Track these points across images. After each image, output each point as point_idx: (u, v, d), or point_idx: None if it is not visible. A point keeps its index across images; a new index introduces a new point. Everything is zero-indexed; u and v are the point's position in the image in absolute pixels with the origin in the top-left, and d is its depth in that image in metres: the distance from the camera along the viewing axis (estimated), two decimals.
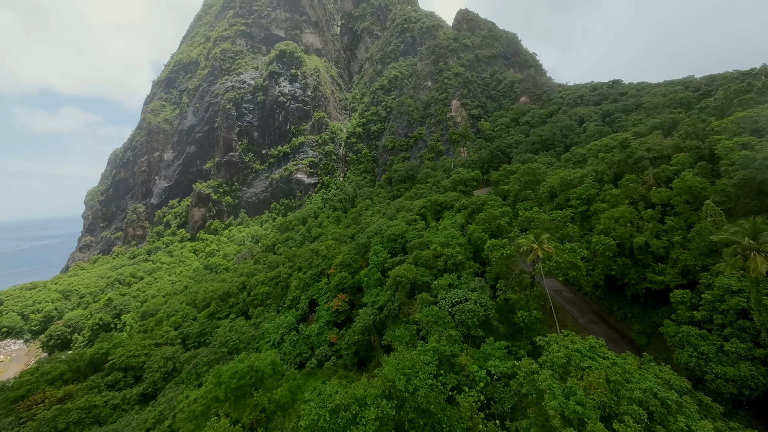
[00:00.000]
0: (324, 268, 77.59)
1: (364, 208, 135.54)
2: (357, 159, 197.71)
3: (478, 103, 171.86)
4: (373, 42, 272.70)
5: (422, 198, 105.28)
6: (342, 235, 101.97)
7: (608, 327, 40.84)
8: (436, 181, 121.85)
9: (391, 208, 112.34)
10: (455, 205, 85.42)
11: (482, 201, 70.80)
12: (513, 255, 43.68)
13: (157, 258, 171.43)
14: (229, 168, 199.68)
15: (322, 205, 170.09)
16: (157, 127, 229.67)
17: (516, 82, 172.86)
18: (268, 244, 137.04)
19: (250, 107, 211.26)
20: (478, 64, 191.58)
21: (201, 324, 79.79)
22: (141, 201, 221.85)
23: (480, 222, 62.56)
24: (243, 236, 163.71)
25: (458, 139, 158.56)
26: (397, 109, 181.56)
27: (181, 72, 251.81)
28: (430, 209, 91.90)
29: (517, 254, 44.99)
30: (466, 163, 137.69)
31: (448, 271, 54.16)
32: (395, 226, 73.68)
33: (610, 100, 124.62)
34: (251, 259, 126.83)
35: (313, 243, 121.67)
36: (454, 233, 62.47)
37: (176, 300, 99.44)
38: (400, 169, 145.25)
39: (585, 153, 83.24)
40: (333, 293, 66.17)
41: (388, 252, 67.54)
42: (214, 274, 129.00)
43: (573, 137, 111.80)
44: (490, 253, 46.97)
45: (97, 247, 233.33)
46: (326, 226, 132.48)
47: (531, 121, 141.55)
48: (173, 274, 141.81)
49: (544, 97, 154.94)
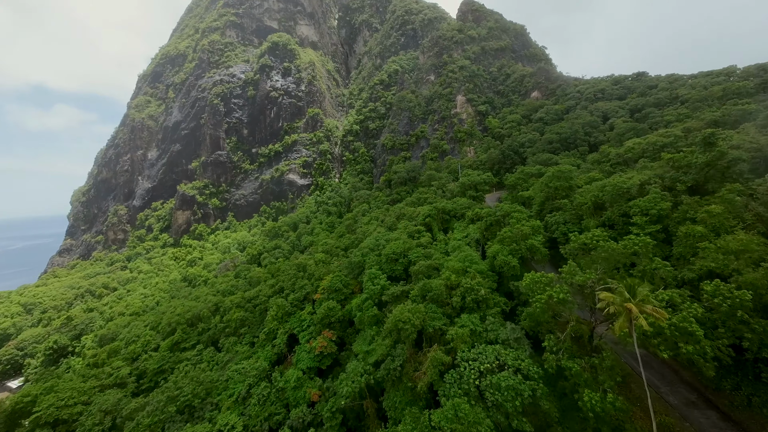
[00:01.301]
0: (309, 292, 63.88)
1: (361, 214, 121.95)
2: (354, 159, 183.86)
3: (485, 99, 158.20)
4: (372, 35, 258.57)
5: (426, 204, 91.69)
6: (334, 246, 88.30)
7: (717, 414, 27.28)
8: (441, 185, 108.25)
9: (391, 214, 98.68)
10: (467, 215, 71.91)
11: (504, 212, 57.14)
12: (568, 301, 30.10)
13: (135, 266, 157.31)
14: (216, 168, 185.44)
15: (315, 209, 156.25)
16: (141, 124, 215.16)
17: (526, 76, 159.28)
18: (253, 254, 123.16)
19: (240, 103, 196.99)
20: (484, 57, 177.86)
21: (161, 358, 65.96)
22: (123, 202, 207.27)
23: (504, 240, 48.93)
24: (228, 243, 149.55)
25: (464, 137, 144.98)
26: (397, 105, 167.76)
27: (168, 65, 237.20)
28: (437, 218, 78.30)
29: (573, 296, 31.49)
30: (473, 164, 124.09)
31: (468, 310, 40.63)
32: (395, 242, 60.12)
33: (637, 94, 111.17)
34: (233, 271, 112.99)
35: (302, 254, 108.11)
36: (471, 254, 48.80)
37: (141, 322, 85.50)
38: (401, 171, 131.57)
39: (623, 153, 69.78)
40: (317, 328, 52.51)
41: (387, 276, 53.96)
42: (190, 288, 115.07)
43: (597, 135, 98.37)
44: (530, 294, 33.37)
45: (77, 251, 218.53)
46: (318, 234, 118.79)
47: (545, 118, 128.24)
48: (148, 286, 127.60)
49: (559, 92, 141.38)
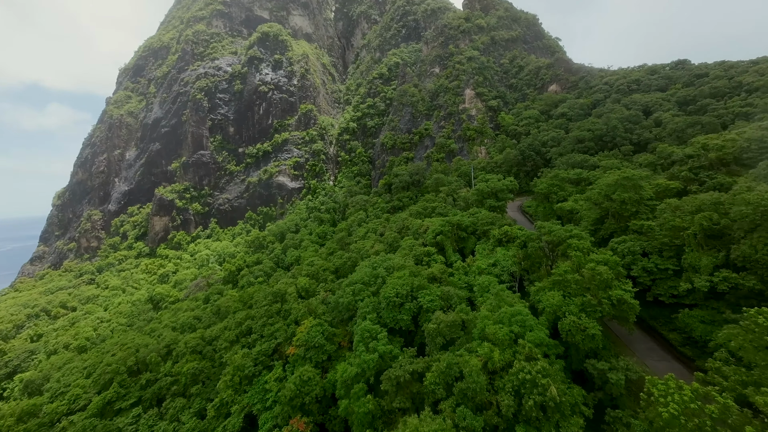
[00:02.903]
0: (281, 342, 46.89)
1: (356, 223, 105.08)
2: (350, 159, 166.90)
3: (497, 93, 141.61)
4: (370, 28, 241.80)
5: (436, 216, 74.82)
6: (321, 269, 71.36)
7: None
8: (451, 191, 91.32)
9: (392, 227, 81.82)
10: (491, 233, 55.05)
11: (555, 236, 40.19)
12: None
13: (103, 279, 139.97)
14: (199, 169, 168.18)
15: (306, 216, 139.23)
16: (119, 121, 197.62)
17: (543, 67, 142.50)
18: (232, 270, 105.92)
19: (226, 98, 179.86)
20: (494, 48, 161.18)
21: (83, 429, 48.89)
22: (98, 207, 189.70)
23: (567, 286, 32.13)
24: (208, 254, 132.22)
25: (474, 135, 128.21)
26: (398, 100, 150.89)
27: (150, 59, 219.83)
28: (451, 236, 61.41)
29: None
30: (487, 166, 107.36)
31: (528, 422, 23.86)
32: (399, 275, 43.34)
33: (681, 84, 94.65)
34: (205, 292, 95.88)
35: (287, 272, 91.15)
36: (519, 310, 31.60)
37: (80, 363, 68.40)
38: (403, 173, 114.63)
39: (695, 153, 53.02)
40: (285, 411, 35.55)
41: (387, 331, 37.11)
42: (154, 311, 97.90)
43: (641, 132, 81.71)
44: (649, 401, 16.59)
45: (49, 259, 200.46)
46: (306, 247, 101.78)
47: (568, 114, 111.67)
48: (110, 307, 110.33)
49: (582, 85, 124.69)
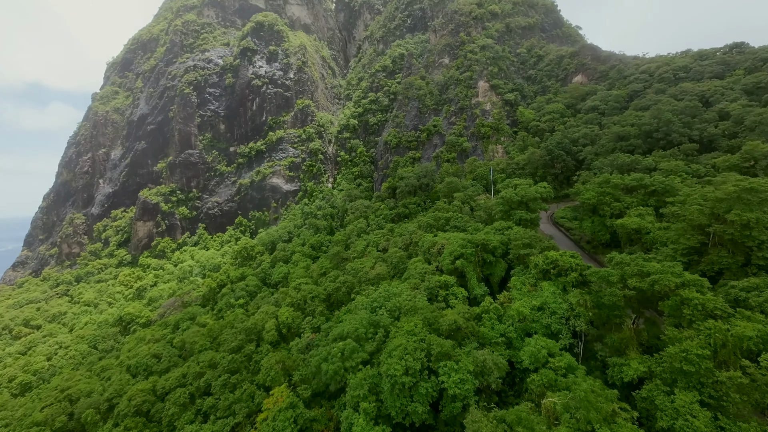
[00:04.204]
0: (240, 423, 32.85)
1: (355, 234, 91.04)
2: (350, 160, 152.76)
3: (514, 86, 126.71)
4: (373, 18, 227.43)
5: (451, 229, 60.34)
6: (309, 295, 57.33)
7: None
8: (467, 197, 76.90)
9: (396, 241, 67.62)
10: (532, 261, 40.58)
11: (663, 284, 25.64)
12: None
13: (78, 291, 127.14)
14: (186, 170, 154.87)
15: (301, 222, 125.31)
16: (104, 118, 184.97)
17: (566, 56, 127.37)
18: (213, 287, 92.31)
19: (216, 92, 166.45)
20: (510, 37, 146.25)
21: None
22: (81, 210, 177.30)
23: (690, 376, 17.90)
24: (191, 266, 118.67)
25: (489, 132, 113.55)
26: (403, 94, 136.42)
27: (139, 52, 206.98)
28: (474, 260, 47.04)
29: None
30: (507, 168, 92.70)
31: None
32: (408, 329, 29.25)
33: (744, 70, 79.40)
34: (179, 314, 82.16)
35: (273, 293, 77.33)
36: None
37: (6, 414, 54.80)
38: (409, 175, 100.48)
39: None
40: None
41: (393, 423, 23.14)
42: (122, 334, 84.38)
43: (702, 126, 66.75)
44: None
45: (31, 265, 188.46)
46: (296, 262, 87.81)
47: (600, 107, 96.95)
48: (76, 327, 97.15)
49: (613, 75, 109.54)
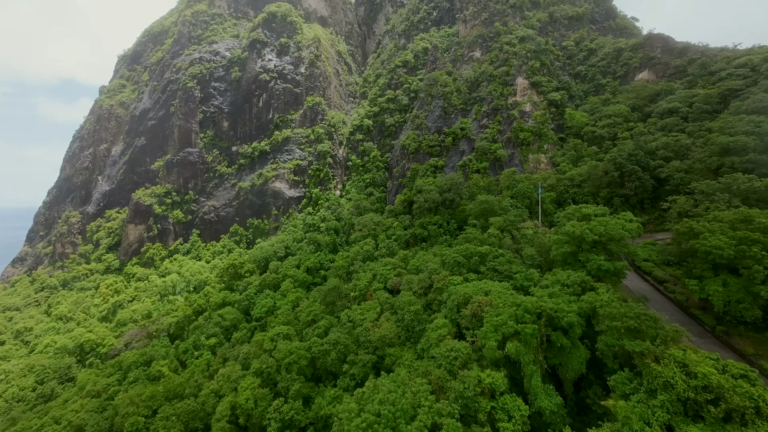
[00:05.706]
0: None
1: (360, 259, 73.19)
2: (362, 165, 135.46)
3: (559, 84, 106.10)
4: (396, 11, 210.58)
5: (489, 273, 41.48)
6: (285, 358, 39.86)
7: None
8: (507, 223, 57.55)
9: (412, 280, 49.17)
10: (658, 373, 21.24)
11: None
12: None
13: (55, 300, 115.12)
14: (184, 169, 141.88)
15: (302, 235, 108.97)
16: (108, 112, 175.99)
17: (626, 50, 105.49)
18: (188, 313, 76.59)
19: (221, 87, 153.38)
20: (554, 28, 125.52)
21: None
22: (79, 207, 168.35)
23: None
24: (173, 281, 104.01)
25: (530, 138, 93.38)
26: (426, 91, 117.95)
27: (149, 44, 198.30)
28: (534, 343, 27.96)
29: None
30: (558, 185, 72.48)
31: None
32: None
33: None
34: (138, 351, 66.35)
35: (255, 331, 60.53)
36: None
37: None
38: (430, 188, 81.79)
39: None
40: None
41: None
42: (76, 367, 69.56)
43: None
44: None
45: (29, 262, 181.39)
46: (286, 292, 70.64)
47: (682, 110, 75.35)
48: (35, 350, 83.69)
49: (694, 71, 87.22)
